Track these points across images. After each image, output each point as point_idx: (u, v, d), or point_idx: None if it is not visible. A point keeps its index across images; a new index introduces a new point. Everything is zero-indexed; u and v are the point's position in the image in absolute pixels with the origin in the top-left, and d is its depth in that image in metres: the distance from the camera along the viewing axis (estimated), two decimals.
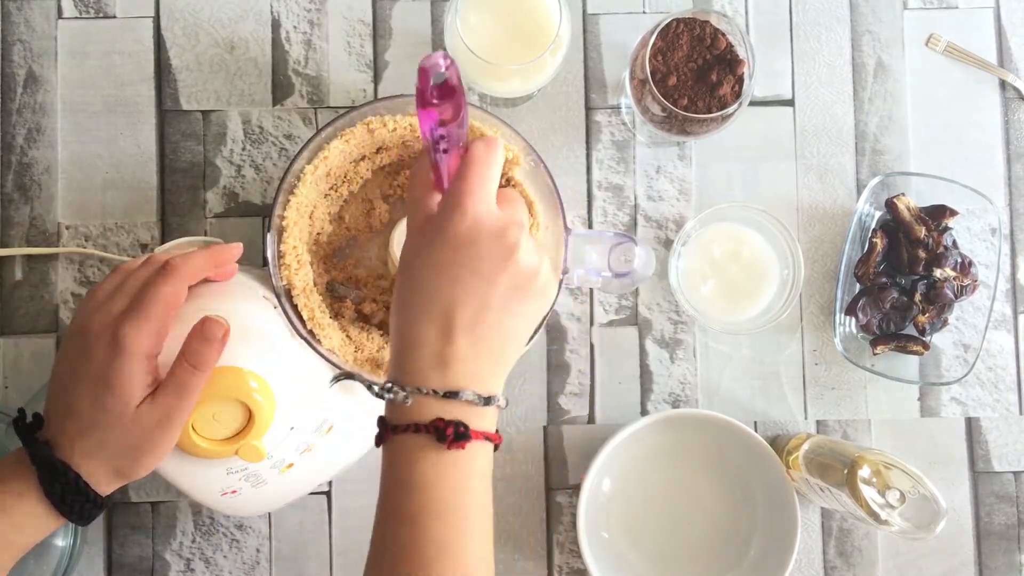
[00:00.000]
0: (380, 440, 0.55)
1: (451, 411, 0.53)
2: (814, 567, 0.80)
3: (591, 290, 0.80)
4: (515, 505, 0.80)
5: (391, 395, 0.54)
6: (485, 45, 0.67)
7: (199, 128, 0.80)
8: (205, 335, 0.58)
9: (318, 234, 0.72)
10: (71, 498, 0.57)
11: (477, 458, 0.54)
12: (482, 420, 0.54)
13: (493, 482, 0.78)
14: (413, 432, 0.53)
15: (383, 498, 0.54)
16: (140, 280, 0.60)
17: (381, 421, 0.55)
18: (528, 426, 0.80)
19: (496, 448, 0.56)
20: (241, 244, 0.65)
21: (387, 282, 0.73)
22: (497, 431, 0.56)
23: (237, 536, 0.79)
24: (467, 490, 0.54)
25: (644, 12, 0.82)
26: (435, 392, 0.53)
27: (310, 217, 0.71)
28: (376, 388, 0.55)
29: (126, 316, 0.57)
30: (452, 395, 0.53)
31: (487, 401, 0.54)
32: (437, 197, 0.57)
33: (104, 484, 0.58)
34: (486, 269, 0.54)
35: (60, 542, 0.71)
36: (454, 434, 0.52)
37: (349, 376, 0.57)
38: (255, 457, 0.61)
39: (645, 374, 0.80)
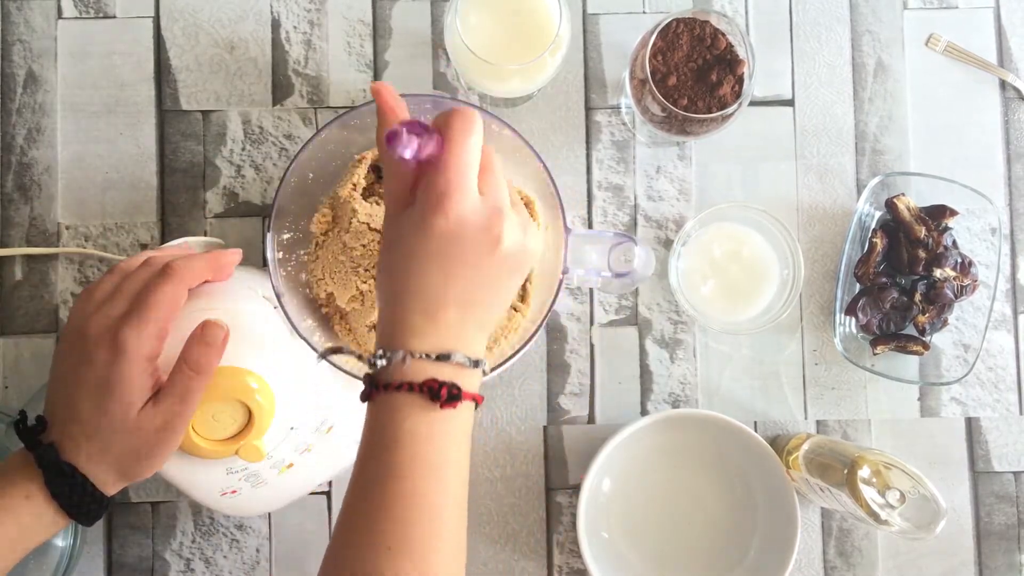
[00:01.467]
0: (367, 396, 0.55)
1: (443, 373, 0.54)
2: (814, 567, 0.80)
3: (591, 290, 0.80)
4: (515, 505, 0.80)
5: (383, 360, 0.54)
6: (485, 45, 0.67)
7: (199, 128, 0.80)
8: (205, 339, 0.58)
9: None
10: (79, 499, 0.57)
11: (463, 418, 0.55)
12: (470, 382, 0.55)
13: (493, 483, 0.79)
14: (406, 391, 0.53)
15: (364, 454, 0.54)
16: (139, 282, 0.59)
17: (369, 378, 0.55)
18: (528, 426, 0.80)
19: (477, 407, 0.56)
20: (240, 250, 0.65)
21: None
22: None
23: (237, 536, 0.79)
24: (451, 448, 0.54)
25: (644, 12, 0.82)
26: (427, 355, 0.53)
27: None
28: (368, 356, 0.55)
29: (126, 319, 0.57)
30: (444, 357, 0.54)
31: (475, 364, 0.55)
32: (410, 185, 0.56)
33: (109, 486, 0.58)
34: (472, 258, 0.54)
35: (60, 542, 0.71)
36: (448, 394, 0.53)
37: (337, 351, 0.57)
38: (255, 457, 0.61)
39: (645, 374, 0.80)
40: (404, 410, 0.53)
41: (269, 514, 0.79)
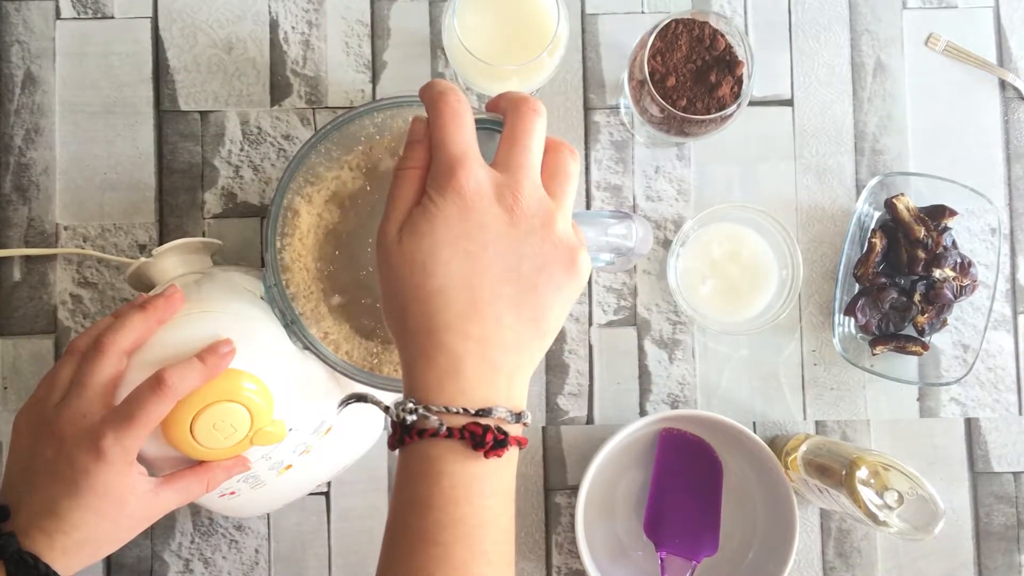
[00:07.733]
0: (397, 443, 0.48)
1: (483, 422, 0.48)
2: (813, 568, 0.80)
3: (589, 290, 0.80)
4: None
5: (412, 416, 0.47)
6: (483, 45, 0.67)
7: (197, 129, 0.80)
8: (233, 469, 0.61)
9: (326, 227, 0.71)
10: None
11: (507, 469, 0.49)
12: (512, 427, 0.49)
13: None
14: (444, 437, 0.47)
15: (397, 513, 0.49)
16: (105, 377, 0.57)
17: (399, 423, 0.49)
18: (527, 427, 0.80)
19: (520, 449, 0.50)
20: (232, 340, 0.59)
21: None
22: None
23: (236, 537, 0.79)
24: (493, 506, 0.48)
25: (643, 12, 0.82)
26: (465, 411, 0.47)
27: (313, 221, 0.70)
28: (395, 410, 0.48)
29: (111, 427, 0.55)
30: (484, 413, 0.47)
31: (518, 418, 0.49)
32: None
33: (73, 570, 0.57)
34: (528, 271, 0.49)
35: None
36: (493, 440, 0.46)
37: (360, 399, 0.52)
38: (273, 439, 0.61)
39: (644, 375, 0.80)
40: (439, 462, 0.47)
41: (268, 515, 0.79)
